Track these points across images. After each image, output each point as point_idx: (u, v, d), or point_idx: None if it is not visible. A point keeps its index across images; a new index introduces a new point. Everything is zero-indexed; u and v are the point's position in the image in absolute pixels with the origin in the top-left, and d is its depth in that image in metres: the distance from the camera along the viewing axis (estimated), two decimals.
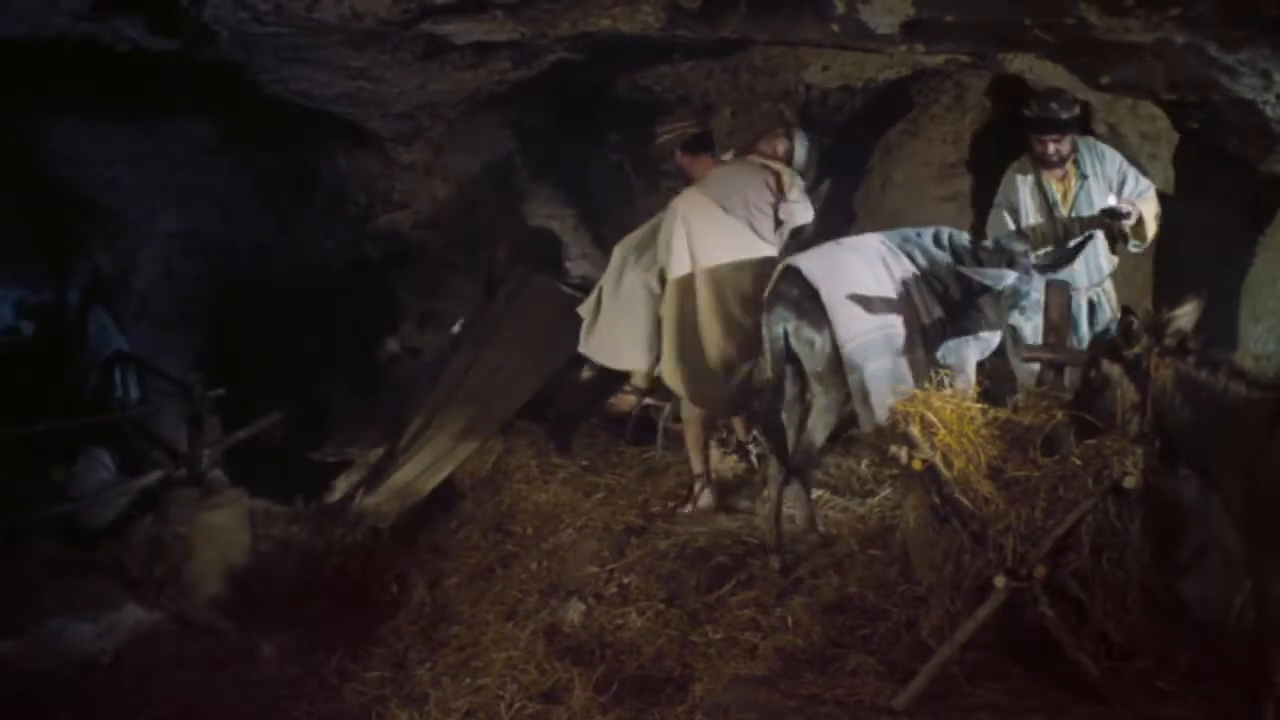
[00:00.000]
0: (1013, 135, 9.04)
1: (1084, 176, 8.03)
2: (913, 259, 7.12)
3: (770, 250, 8.08)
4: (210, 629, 8.09)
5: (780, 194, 8.18)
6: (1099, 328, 8.00)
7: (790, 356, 7.04)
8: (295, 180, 11.96)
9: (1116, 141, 9.07)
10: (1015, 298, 7.05)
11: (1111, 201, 7.66)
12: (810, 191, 8.76)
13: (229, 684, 7.24)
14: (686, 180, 8.73)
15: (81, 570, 8.78)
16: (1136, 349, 4.94)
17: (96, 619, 8.00)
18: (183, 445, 11.22)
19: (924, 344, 6.91)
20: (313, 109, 9.86)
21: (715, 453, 8.71)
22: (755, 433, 8.48)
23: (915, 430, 5.74)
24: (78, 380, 12.21)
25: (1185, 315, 4.86)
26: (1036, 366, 7.58)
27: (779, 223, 8.23)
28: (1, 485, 9.74)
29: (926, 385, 6.07)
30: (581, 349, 8.74)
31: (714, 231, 8.07)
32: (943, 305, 7.01)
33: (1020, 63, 9.00)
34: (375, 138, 10.87)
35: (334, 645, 7.56)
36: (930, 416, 5.77)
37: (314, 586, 8.73)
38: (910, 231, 7.43)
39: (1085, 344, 7.68)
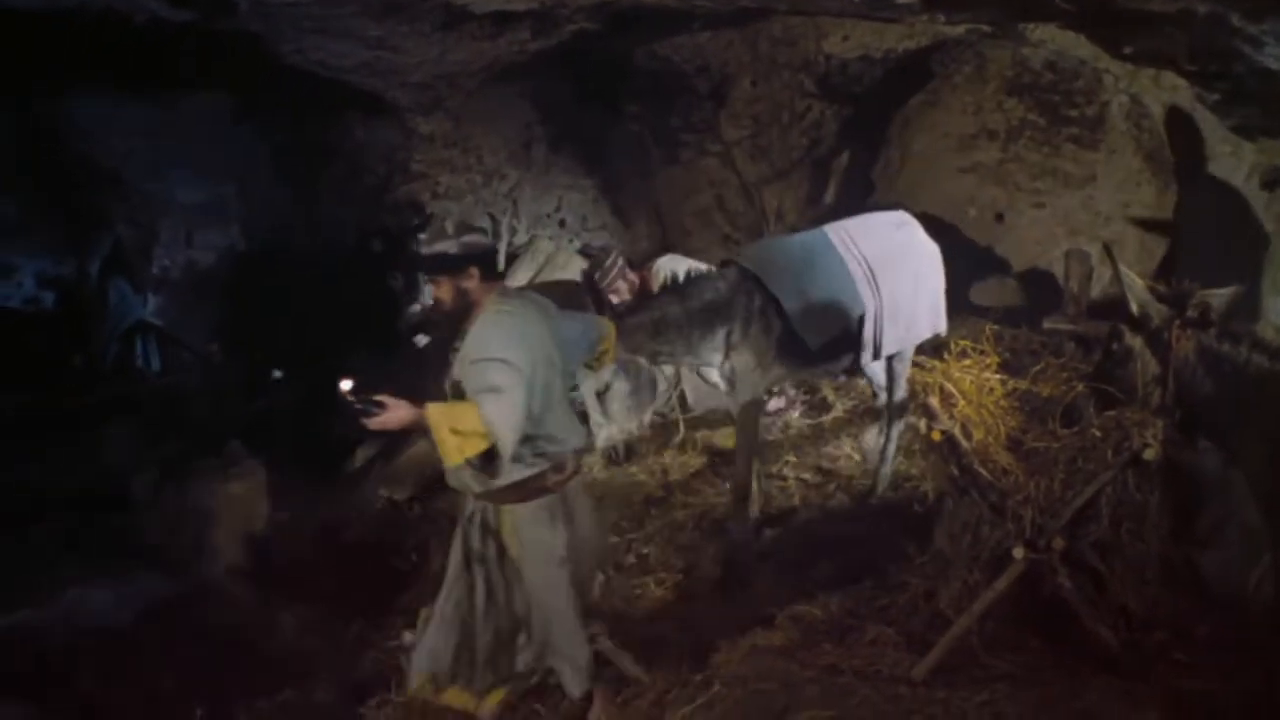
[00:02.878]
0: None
1: (456, 351, 5.67)
2: None
3: None
4: (230, 599, 8.11)
5: None
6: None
7: None
8: (313, 151, 11.96)
9: (1137, 111, 9.01)
10: None
11: (345, 386, 5.39)
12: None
13: (248, 654, 7.26)
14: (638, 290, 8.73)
15: (102, 540, 8.81)
16: (1141, 308, 4.94)
17: (116, 588, 8.04)
18: (202, 415, 11.27)
19: None
20: (331, 79, 9.86)
21: None
22: None
23: (934, 401, 5.73)
24: (98, 350, 12.25)
25: (1221, 298, 4.85)
26: None
27: None
28: (24, 454, 9.79)
29: (946, 356, 6.06)
30: None
31: None
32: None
33: (1042, 33, 8.97)
34: (394, 108, 10.87)
35: (353, 615, 7.58)
36: (950, 387, 5.76)
37: (333, 556, 8.75)
38: None
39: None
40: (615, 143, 12.20)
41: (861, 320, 7.26)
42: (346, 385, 5.34)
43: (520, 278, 10.70)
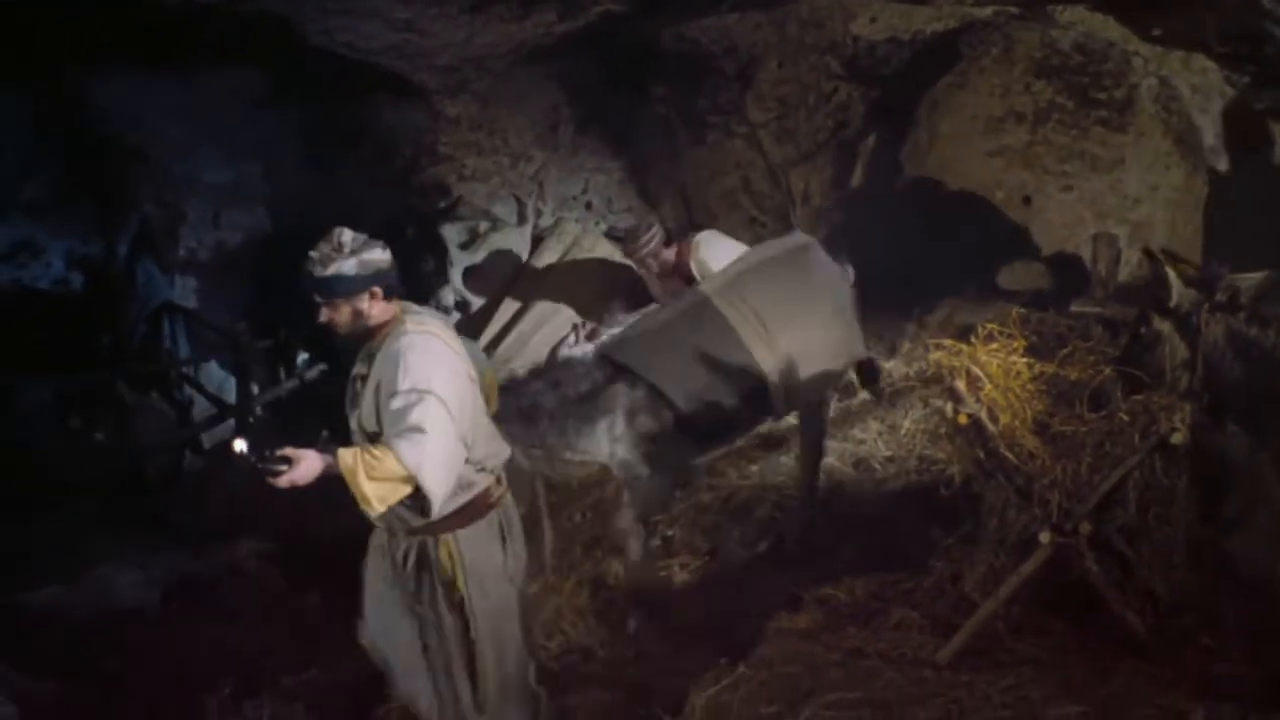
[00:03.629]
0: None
1: (362, 378, 5.12)
2: None
3: None
4: (257, 579, 8.16)
5: None
6: None
7: None
8: (341, 132, 11.97)
9: (1166, 94, 8.95)
10: None
11: (240, 446, 4.73)
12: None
13: (275, 634, 7.30)
14: (668, 273, 8.49)
15: (130, 520, 8.86)
16: (1177, 300, 4.93)
17: (144, 568, 8.09)
18: (230, 396, 11.31)
19: None
20: (358, 61, 9.87)
21: None
22: None
23: (961, 384, 5.71)
24: (126, 331, 12.29)
25: (1252, 282, 4.83)
26: None
27: None
28: (49, 436, 9.84)
29: (973, 339, 6.04)
30: None
31: None
32: None
33: (1070, 14, 8.92)
34: (421, 90, 10.88)
35: None
36: (976, 371, 5.75)
37: (359, 536, 8.78)
38: None
39: None
40: (642, 125, 12.18)
41: (763, 381, 6.86)
42: (241, 445, 4.74)
43: (547, 259, 10.70)
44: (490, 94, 11.22)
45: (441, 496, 4.85)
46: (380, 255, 5.09)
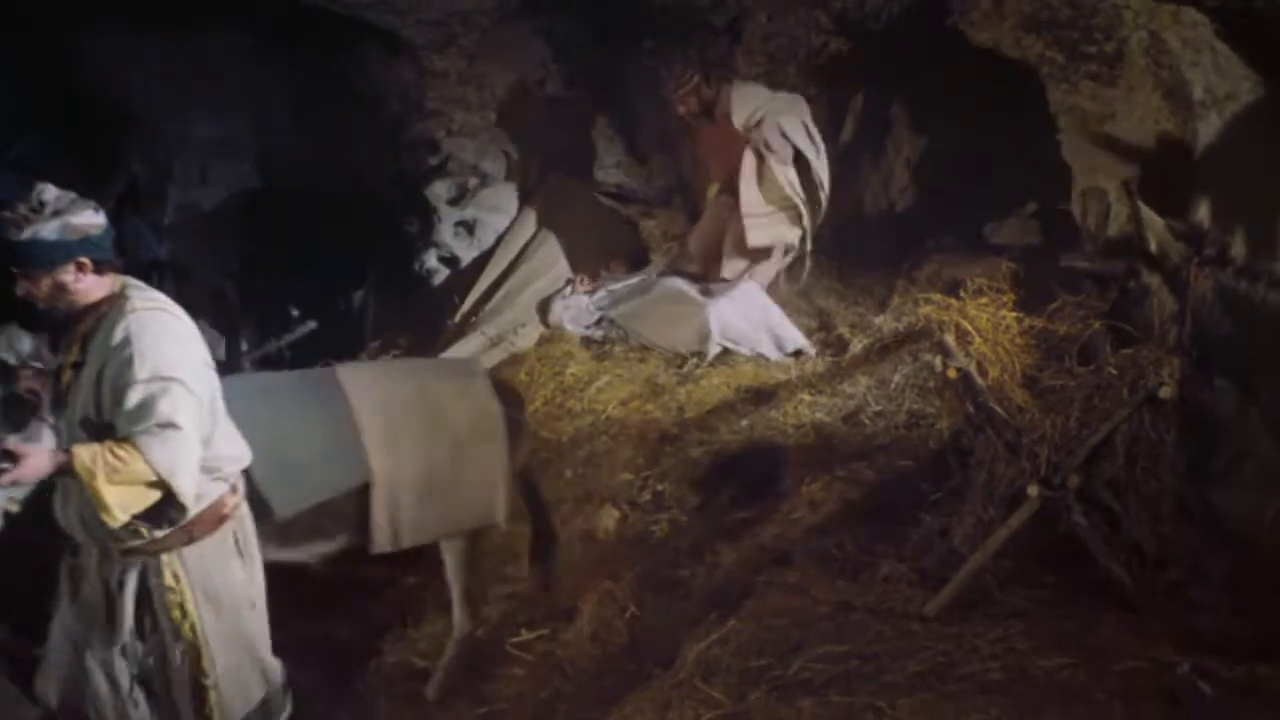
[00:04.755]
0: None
1: (74, 367, 4.41)
2: None
3: None
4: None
5: None
6: None
7: None
8: (329, 89, 11.92)
9: (1157, 48, 8.93)
10: None
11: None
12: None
13: (269, 587, 7.30)
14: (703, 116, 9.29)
15: None
16: (1164, 251, 4.95)
17: None
18: (219, 353, 11.29)
19: None
20: (346, 16, 9.82)
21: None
22: None
23: (950, 339, 5.73)
24: None
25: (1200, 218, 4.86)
26: None
27: None
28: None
29: (963, 294, 6.05)
30: None
31: None
32: None
33: None
34: (408, 46, 10.82)
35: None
36: (966, 325, 5.77)
37: None
38: None
39: None
40: (629, 79, 12.13)
41: (367, 491, 5.74)
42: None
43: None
44: (478, 48, 11.16)
45: (192, 504, 4.27)
46: (91, 218, 4.40)
